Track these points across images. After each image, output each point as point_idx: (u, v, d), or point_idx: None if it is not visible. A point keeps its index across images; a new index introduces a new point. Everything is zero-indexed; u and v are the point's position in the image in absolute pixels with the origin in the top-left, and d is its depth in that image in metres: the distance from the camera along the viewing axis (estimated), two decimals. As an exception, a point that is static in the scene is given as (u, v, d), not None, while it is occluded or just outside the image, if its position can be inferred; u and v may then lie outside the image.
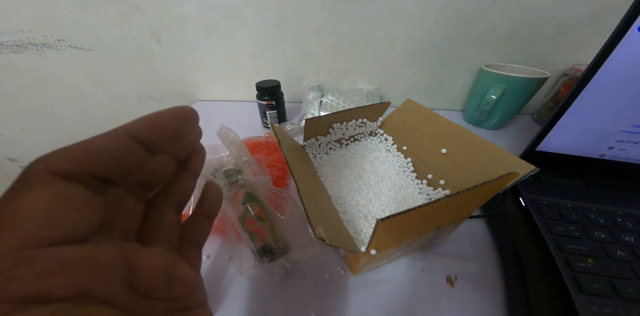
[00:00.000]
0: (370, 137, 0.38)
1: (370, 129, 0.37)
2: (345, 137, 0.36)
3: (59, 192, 0.09)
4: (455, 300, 0.24)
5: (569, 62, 0.47)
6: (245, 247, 0.25)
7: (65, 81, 0.66)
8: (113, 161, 0.10)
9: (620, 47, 0.24)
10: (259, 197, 0.26)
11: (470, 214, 0.23)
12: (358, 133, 0.37)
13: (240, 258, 0.25)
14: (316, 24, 0.50)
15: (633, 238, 0.24)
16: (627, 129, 0.28)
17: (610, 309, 0.20)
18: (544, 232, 0.25)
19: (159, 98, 0.67)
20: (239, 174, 0.27)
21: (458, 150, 0.27)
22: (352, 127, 0.35)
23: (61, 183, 0.09)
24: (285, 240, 0.25)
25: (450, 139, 0.28)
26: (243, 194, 0.25)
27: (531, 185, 0.31)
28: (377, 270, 0.26)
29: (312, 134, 0.33)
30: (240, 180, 0.26)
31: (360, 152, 0.36)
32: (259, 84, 0.46)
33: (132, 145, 0.10)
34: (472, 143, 0.26)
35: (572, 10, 0.42)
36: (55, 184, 0.09)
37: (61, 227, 0.08)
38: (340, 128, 0.34)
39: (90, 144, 0.09)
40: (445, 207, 0.17)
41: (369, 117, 0.35)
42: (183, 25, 0.54)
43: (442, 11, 0.46)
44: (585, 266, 0.23)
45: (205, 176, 0.28)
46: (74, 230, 0.09)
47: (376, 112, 0.35)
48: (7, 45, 0.60)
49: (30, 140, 0.84)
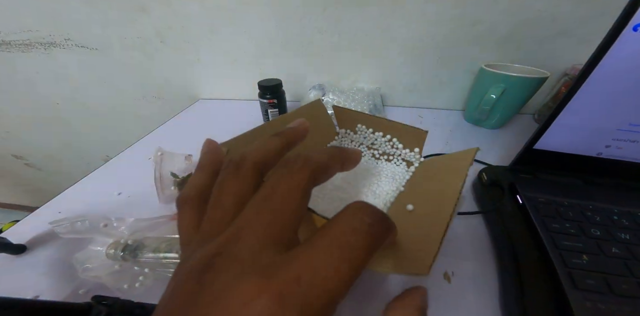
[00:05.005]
0: (402, 165, 0.33)
1: (406, 157, 0.32)
2: (377, 149, 0.34)
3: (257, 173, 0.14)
4: (451, 295, 0.24)
5: (569, 62, 0.47)
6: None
7: (71, 79, 0.67)
8: (277, 157, 0.15)
9: (616, 46, 0.24)
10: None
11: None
12: (389, 153, 0.33)
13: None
14: (318, 24, 0.51)
15: (629, 235, 0.24)
16: (624, 128, 0.28)
17: (603, 305, 0.20)
18: (540, 228, 0.26)
19: (163, 96, 0.68)
20: None
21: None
22: (381, 142, 0.32)
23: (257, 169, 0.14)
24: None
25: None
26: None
27: (529, 183, 0.31)
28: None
29: (344, 125, 0.34)
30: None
31: (377, 172, 0.33)
32: (261, 83, 0.47)
33: (285, 148, 0.16)
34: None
35: (573, 9, 0.42)
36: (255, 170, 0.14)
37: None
38: (363, 131, 0.33)
39: (267, 147, 0.15)
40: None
41: (401, 138, 0.31)
42: (187, 25, 0.54)
43: (443, 11, 0.46)
44: (580, 262, 0.23)
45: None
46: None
47: (411, 138, 0.30)
48: (16, 44, 0.61)
49: (36, 138, 0.85)
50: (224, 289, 0.09)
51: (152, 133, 0.52)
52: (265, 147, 0.15)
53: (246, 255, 0.10)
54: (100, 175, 0.41)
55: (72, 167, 0.94)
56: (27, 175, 1.01)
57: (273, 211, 0.11)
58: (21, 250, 0.29)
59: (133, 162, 0.44)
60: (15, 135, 0.86)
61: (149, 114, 0.73)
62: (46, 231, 0.31)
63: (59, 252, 0.29)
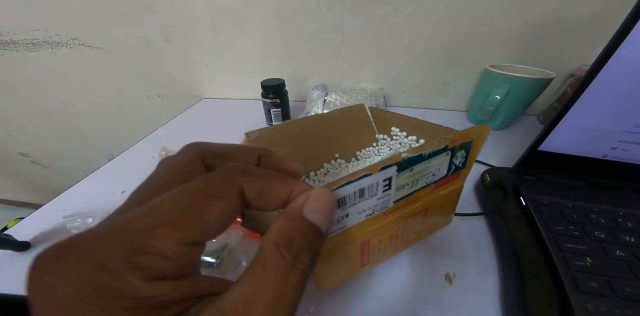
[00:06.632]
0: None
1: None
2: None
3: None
4: (453, 296, 0.24)
5: (575, 63, 0.46)
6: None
7: (77, 78, 0.68)
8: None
9: (623, 47, 0.24)
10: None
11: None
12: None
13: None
14: (321, 24, 0.51)
15: (633, 238, 0.24)
16: (631, 130, 0.28)
17: (606, 308, 0.20)
18: (543, 230, 0.25)
19: (167, 96, 0.69)
20: None
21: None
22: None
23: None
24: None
25: None
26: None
27: (532, 185, 0.31)
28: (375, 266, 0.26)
29: (380, 130, 0.33)
30: None
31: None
32: (264, 83, 0.47)
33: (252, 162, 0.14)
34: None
35: (578, 10, 0.42)
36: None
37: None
38: (398, 135, 0.32)
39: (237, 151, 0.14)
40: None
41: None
42: (191, 25, 0.55)
43: (448, 11, 0.46)
44: (583, 265, 0.22)
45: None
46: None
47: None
48: (23, 43, 0.62)
49: (41, 136, 0.86)
50: None
51: (155, 132, 0.53)
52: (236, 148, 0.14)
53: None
54: (104, 173, 0.42)
55: (77, 165, 0.95)
56: (33, 173, 1.02)
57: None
58: (25, 247, 0.29)
59: (137, 160, 0.44)
60: (21, 133, 0.87)
61: (153, 113, 0.73)
62: (50, 228, 0.32)
63: (63, 249, 0.29)
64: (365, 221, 0.17)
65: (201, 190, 0.10)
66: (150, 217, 0.09)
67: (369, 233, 0.19)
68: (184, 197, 0.09)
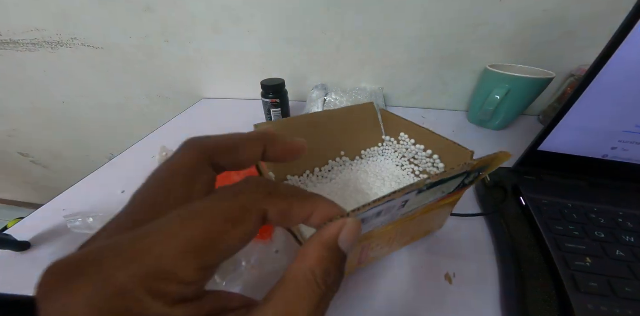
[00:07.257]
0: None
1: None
2: (419, 166, 0.32)
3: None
4: (453, 296, 0.24)
5: (575, 62, 0.46)
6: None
7: (77, 78, 0.68)
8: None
9: (623, 47, 0.24)
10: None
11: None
12: (430, 172, 0.31)
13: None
14: (321, 24, 0.51)
15: (633, 238, 0.24)
16: (631, 129, 0.28)
17: (606, 308, 0.20)
18: (543, 230, 0.25)
19: (167, 96, 0.69)
20: None
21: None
22: (422, 157, 0.31)
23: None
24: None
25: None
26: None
27: (532, 185, 0.31)
28: (375, 266, 0.26)
29: (389, 132, 0.33)
30: None
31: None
32: (264, 83, 0.47)
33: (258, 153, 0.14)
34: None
35: (579, 10, 0.42)
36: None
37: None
38: (406, 141, 0.32)
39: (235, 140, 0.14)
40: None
41: (443, 157, 0.29)
42: (191, 25, 0.55)
43: (448, 11, 0.46)
44: (583, 265, 0.22)
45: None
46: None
47: (454, 158, 0.27)
48: (24, 44, 0.62)
49: (42, 136, 0.86)
50: None
51: (156, 131, 0.53)
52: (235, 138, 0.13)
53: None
54: (104, 173, 0.42)
55: (78, 165, 0.95)
56: (33, 173, 1.02)
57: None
58: (25, 247, 0.29)
59: (137, 160, 0.44)
60: (21, 133, 0.87)
61: (153, 113, 0.73)
62: (50, 228, 0.32)
63: (63, 249, 0.29)
64: (372, 230, 0.18)
65: (224, 214, 0.10)
66: (171, 243, 0.09)
67: (370, 238, 0.20)
68: (206, 220, 0.09)
